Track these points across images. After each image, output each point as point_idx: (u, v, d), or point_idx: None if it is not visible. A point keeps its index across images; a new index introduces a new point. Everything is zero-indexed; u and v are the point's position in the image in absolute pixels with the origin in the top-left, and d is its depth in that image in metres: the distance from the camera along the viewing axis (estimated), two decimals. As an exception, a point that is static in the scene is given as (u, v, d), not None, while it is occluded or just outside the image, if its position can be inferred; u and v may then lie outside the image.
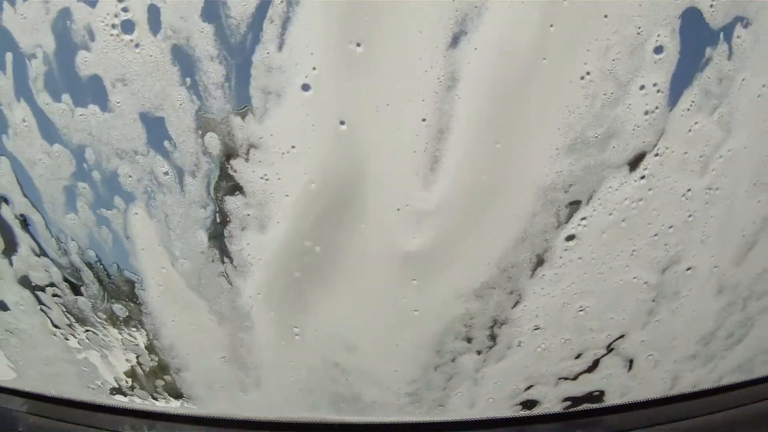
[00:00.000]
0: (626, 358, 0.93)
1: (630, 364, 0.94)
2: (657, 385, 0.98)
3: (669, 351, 0.95)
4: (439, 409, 0.95)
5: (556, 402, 0.96)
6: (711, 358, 0.97)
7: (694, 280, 0.88)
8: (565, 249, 0.82)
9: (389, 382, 0.93)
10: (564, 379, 0.94)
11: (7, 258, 0.93)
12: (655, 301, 0.88)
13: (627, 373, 0.95)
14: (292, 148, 0.75)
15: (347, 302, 0.85)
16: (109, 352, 0.98)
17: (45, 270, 0.92)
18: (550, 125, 0.74)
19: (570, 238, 0.81)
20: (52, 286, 0.94)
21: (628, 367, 0.94)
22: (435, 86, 0.72)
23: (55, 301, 0.95)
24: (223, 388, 0.97)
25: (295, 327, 0.88)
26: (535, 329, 0.88)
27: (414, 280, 0.83)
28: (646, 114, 0.75)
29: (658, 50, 0.72)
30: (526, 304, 0.86)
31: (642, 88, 0.73)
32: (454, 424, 0.98)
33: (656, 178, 0.78)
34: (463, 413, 0.96)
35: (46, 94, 0.78)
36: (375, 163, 0.76)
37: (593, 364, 0.92)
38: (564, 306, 0.86)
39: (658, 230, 0.82)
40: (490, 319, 0.87)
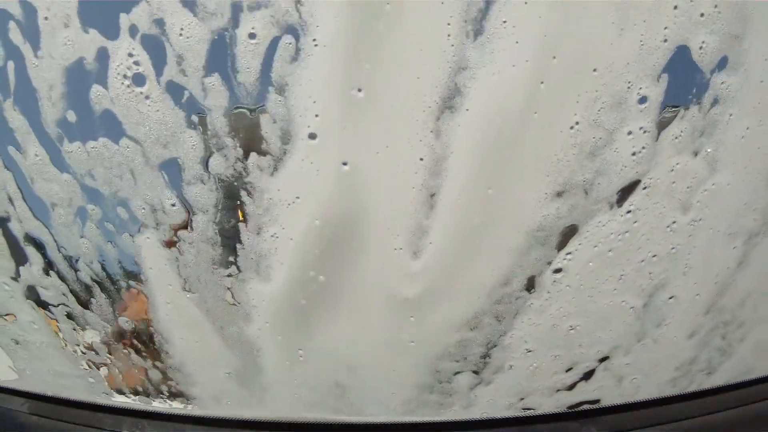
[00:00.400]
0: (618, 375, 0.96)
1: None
2: (656, 386, 0.99)
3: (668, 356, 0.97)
4: (439, 410, 0.97)
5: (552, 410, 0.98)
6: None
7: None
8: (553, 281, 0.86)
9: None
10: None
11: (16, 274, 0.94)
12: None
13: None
14: (297, 199, 0.79)
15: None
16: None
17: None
18: (540, 172, 0.78)
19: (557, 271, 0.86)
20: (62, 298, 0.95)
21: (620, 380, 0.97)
22: (431, 143, 0.76)
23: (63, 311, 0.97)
24: (226, 395, 0.98)
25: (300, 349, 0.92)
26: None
27: (412, 317, 0.87)
28: (633, 155, 0.78)
29: (642, 100, 0.75)
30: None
31: (630, 133, 0.77)
32: (454, 424, 0.98)
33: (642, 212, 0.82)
34: (463, 413, 0.97)
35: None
36: (374, 201, 0.79)
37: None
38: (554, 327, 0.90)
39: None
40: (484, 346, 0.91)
